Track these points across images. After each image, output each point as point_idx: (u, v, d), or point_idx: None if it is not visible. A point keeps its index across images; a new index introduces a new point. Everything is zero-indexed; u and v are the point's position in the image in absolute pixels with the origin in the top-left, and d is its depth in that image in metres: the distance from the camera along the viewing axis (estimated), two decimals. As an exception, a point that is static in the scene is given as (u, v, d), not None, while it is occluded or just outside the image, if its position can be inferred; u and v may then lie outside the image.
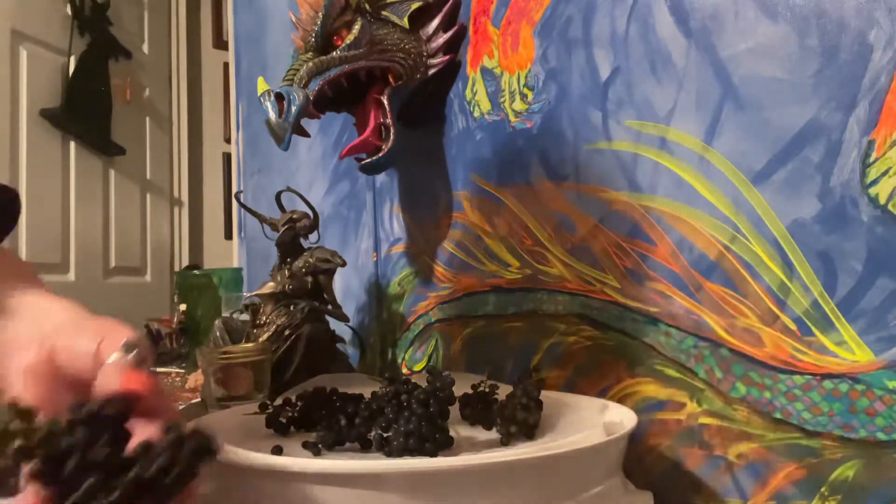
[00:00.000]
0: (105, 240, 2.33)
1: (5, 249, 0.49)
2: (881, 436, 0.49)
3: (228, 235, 2.56)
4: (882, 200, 0.49)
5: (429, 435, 0.49)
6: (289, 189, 1.02)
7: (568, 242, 0.76)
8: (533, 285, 0.80)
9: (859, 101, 0.50)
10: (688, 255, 0.62)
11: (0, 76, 1.97)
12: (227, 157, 2.75)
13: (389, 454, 0.49)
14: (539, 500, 0.45)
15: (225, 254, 2.42)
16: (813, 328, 0.53)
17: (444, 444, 0.50)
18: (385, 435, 0.51)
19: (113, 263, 2.35)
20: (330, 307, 0.97)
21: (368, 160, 0.91)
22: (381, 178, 1.14)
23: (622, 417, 0.56)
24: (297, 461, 0.46)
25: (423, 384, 0.55)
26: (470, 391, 0.59)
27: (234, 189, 1.94)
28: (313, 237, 0.99)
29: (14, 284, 0.45)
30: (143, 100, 2.54)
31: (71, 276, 2.17)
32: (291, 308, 0.93)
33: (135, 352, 0.37)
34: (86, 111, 2.21)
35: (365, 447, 0.53)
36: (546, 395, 0.58)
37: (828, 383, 0.52)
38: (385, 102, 0.89)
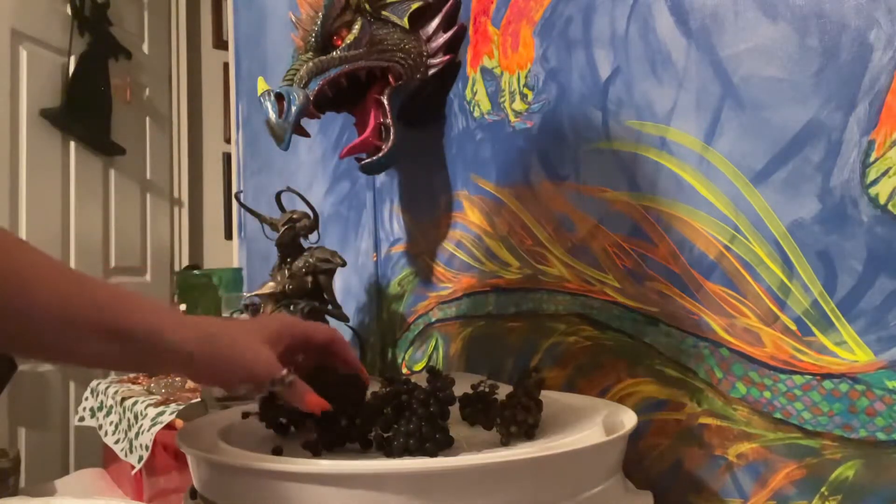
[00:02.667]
0: (105, 240, 2.32)
1: None
2: (881, 436, 0.49)
3: (228, 235, 2.56)
4: (882, 200, 0.49)
5: (429, 435, 0.49)
6: (289, 189, 1.02)
7: (568, 242, 0.76)
8: (533, 285, 0.80)
9: (859, 101, 0.50)
10: (688, 255, 0.62)
11: (0, 76, 1.97)
12: (227, 157, 2.74)
13: (390, 454, 0.49)
14: (539, 500, 0.45)
15: (225, 254, 2.42)
16: (813, 328, 0.53)
17: (444, 445, 0.49)
18: (385, 435, 0.51)
19: (113, 263, 2.34)
20: (330, 307, 0.97)
21: (368, 160, 0.91)
22: (381, 178, 1.14)
23: (622, 417, 0.56)
24: (297, 462, 0.46)
25: (423, 384, 0.54)
26: (470, 391, 0.59)
27: (234, 189, 1.94)
28: (313, 237, 0.99)
29: None
30: (143, 100, 2.54)
31: (71, 276, 2.16)
32: (291, 308, 0.93)
33: None
34: (86, 111, 2.20)
35: (365, 447, 0.52)
36: (546, 395, 0.57)
37: (828, 383, 0.52)
38: (385, 102, 0.89)
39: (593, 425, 0.54)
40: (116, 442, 1.11)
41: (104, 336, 0.44)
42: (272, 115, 0.79)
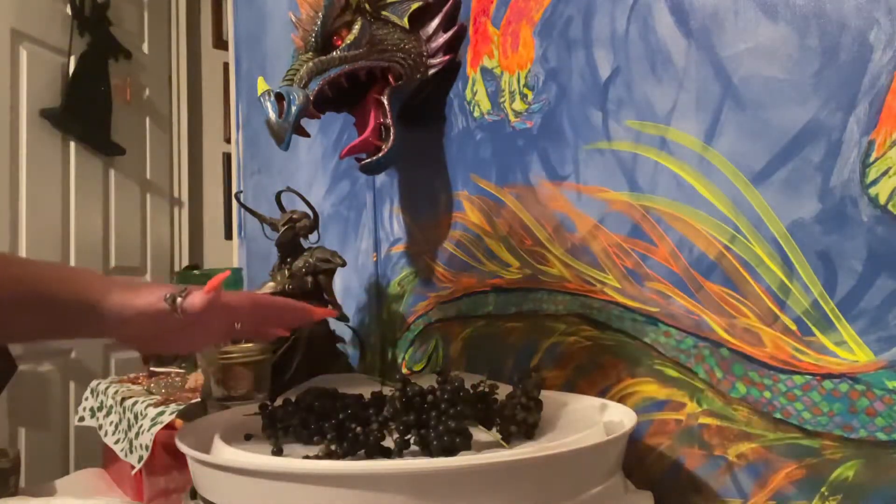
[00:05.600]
0: (105, 240, 2.32)
1: None
2: (881, 436, 0.49)
3: (228, 235, 2.56)
4: (882, 200, 0.49)
5: (460, 431, 0.49)
6: (289, 189, 1.02)
7: (568, 242, 0.76)
8: (533, 285, 0.80)
9: (859, 101, 0.50)
10: (688, 255, 0.62)
11: (0, 76, 1.96)
12: (227, 157, 2.74)
13: (431, 453, 0.49)
14: (539, 500, 0.45)
15: (225, 254, 2.42)
16: (813, 328, 0.53)
17: (469, 441, 0.50)
18: (416, 437, 0.50)
19: (113, 263, 2.34)
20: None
21: (368, 160, 0.91)
22: (381, 178, 1.14)
23: (622, 417, 0.56)
24: (297, 462, 0.46)
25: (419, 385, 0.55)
26: (470, 391, 0.59)
27: (234, 189, 1.94)
28: (313, 237, 0.99)
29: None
30: (143, 100, 2.54)
31: (71, 276, 2.16)
32: (291, 308, 0.93)
33: None
34: (86, 111, 2.20)
35: (385, 455, 0.52)
36: (546, 395, 0.57)
37: (828, 383, 0.52)
38: (385, 102, 0.89)
39: (593, 425, 0.54)
40: (116, 442, 1.11)
41: (32, 308, 0.47)
42: (272, 115, 0.79)
